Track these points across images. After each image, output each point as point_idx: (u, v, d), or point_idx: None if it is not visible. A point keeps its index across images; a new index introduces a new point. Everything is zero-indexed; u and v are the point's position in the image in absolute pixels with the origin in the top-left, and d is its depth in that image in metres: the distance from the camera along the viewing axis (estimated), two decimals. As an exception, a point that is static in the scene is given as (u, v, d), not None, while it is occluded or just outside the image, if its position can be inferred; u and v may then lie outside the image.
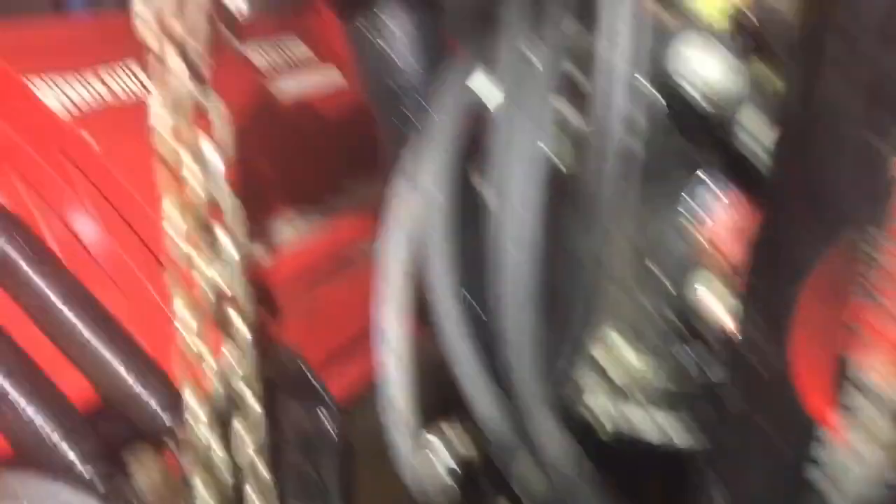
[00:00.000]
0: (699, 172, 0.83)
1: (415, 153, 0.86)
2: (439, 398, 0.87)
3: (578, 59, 0.80)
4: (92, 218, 1.17)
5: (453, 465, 0.88)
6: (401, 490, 0.90)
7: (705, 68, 0.75)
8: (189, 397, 0.96)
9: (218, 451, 0.96)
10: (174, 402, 1.03)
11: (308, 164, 1.57)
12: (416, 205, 0.84)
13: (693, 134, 0.81)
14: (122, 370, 1.09)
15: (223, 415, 1.00)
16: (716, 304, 0.78)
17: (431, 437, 0.88)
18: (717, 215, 0.79)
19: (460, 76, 0.86)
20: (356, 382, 1.49)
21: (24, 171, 1.16)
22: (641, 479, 0.96)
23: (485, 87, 0.85)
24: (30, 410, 1.02)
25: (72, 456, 1.02)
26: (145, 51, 0.89)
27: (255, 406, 1.02)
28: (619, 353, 0.88)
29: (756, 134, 0.75)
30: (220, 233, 0.96)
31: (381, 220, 0.88)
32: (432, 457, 0.90)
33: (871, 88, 0.61)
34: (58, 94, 1.19)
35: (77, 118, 1.19)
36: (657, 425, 0.87)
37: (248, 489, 1.01)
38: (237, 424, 1.01)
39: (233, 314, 0.98)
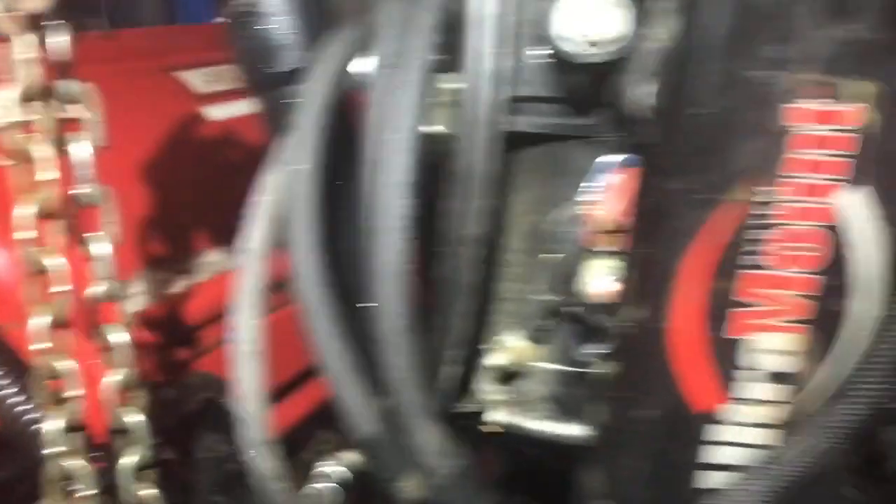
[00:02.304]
0: (593, 145, 0.74)
1: (285, 137, 0.78)
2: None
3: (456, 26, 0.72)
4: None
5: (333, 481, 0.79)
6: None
7: (589, 24, 0.66)
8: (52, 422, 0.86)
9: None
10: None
11: (232, 191, 1.50)
12: (280, 194, 0.76)
13: (583, 98, 0.73)
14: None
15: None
16: (605, 287, 0.69)
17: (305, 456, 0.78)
18: (612, 193, 0.70)
19: (336, 48, 0.78)
20: (292, 418, 1.41)
21: None
22: (534, 475, 0.87)
23: (361, 60, 0.77)
24: None
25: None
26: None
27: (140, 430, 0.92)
28: (508, 345, 0.79)
29: (645, 94, 0.66)
30: (89, 234, 0.87)
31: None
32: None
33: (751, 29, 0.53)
34: None
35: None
36: (547, 418, 0.79)
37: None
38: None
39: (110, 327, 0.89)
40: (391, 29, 0.74)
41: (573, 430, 0.78)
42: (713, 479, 0.59)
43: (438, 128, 0.72)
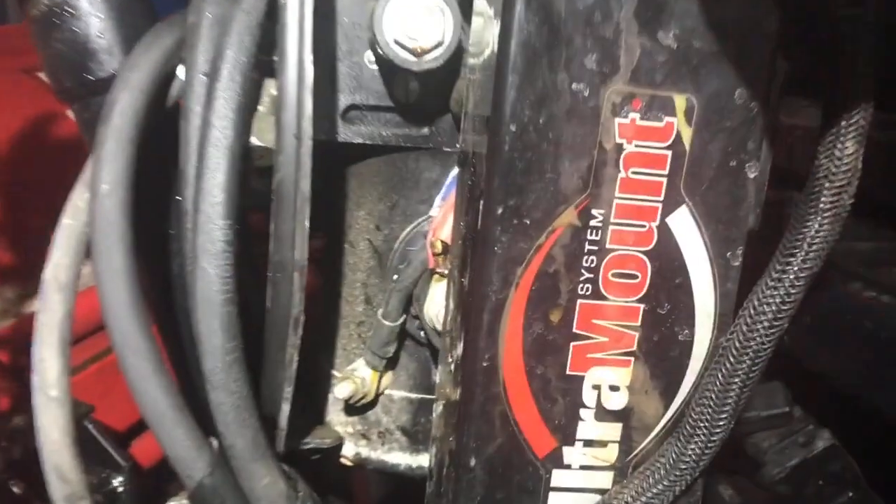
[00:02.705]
0: (441, 157, 0.69)
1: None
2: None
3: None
4: None
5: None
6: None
7: (412, 29, 0.61)
8: None
9: None
10: None
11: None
12: (86, 214, 0.67)
13: (421, 107, 0.67)
14: None
15: None
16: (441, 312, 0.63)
17: None
18: (445, 211, 0.65)
19: (152, 52, 0.70)
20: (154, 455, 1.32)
21: None
22: None
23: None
24: None
25: None
26: None
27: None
28: (358, 373, 0.73)
29: (471, 105, 0.61)
30: None
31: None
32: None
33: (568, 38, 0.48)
34: None
35: None
36: (401, 450, 0.75)
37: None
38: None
39: None
40: (207, 31, 0.66)
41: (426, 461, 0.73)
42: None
43: (256, 141, 0.65)
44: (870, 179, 1.04)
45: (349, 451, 0.78)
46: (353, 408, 0.76)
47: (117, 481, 1.14)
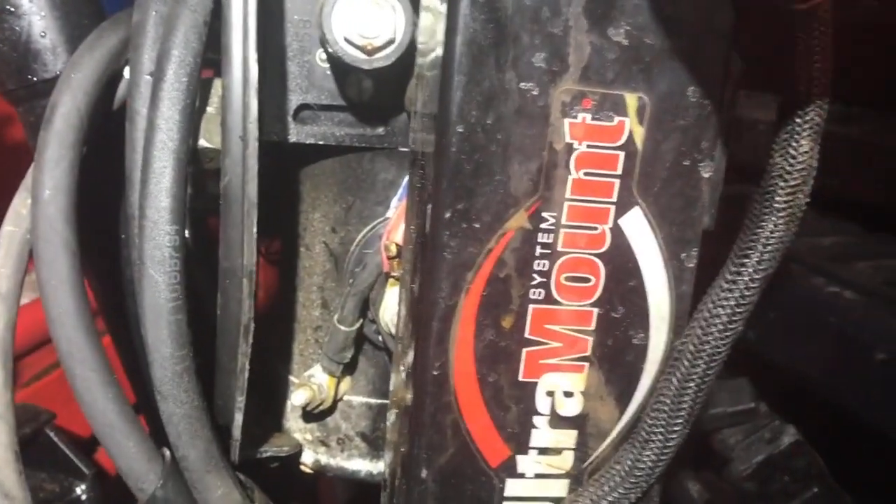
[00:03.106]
0: (398, 157, 0.67)
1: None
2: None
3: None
4: None
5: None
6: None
7: (361, 27, 0.59)
8: None
9: None
10: None
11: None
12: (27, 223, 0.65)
13: (375, 107, 0.66)
14: None
15: None
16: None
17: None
18: (399, 213, 0.63)
19: (97, 52, 0.68)
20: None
21: None
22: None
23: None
24: None
25: None
26: None
27: None
28: (315, 379, 0.71)
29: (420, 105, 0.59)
30: None
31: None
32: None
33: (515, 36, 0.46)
34: None
35: None
36: (360, 456, 0.74)
37: None
38: None
39: None
40: (153, 29, 0.64)
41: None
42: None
43: (205, 143, 0.63)
44: (834, 176, 1.04)
45: (308, 458, 0.76)
46: (312, 414, 0.75)
47: (80, 489, 1.12)
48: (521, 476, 0.52)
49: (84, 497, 1.13)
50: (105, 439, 0.65)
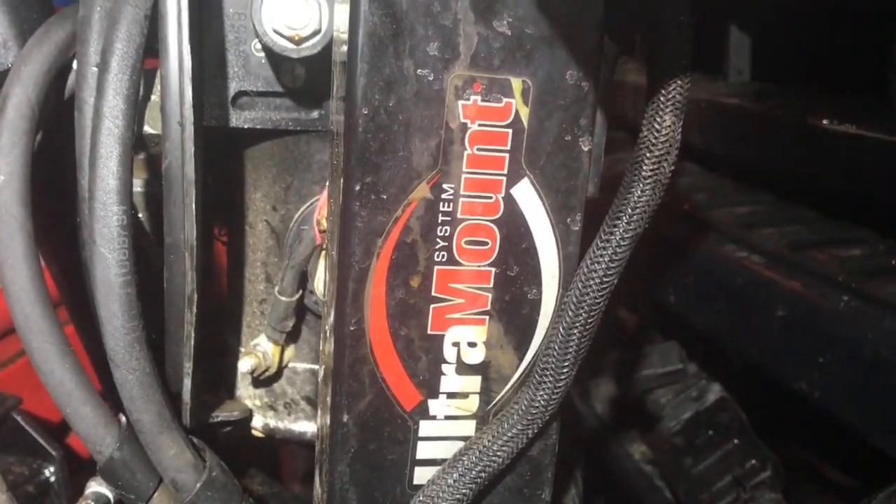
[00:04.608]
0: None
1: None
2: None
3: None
4: None
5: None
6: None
7: (286, 18, 0.65)
8: None
9: None
10: None
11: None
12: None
13: (308, 92, 0.71)
14: None
15: None
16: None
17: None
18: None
19: (46, 45, 0.73)
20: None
21: None
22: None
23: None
24: None
25: None
26: None
27: None
28: (260, 347, 0.77)
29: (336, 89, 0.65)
30: None
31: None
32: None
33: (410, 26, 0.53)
34: None
35: None
36: (307, 419, 0.79)
37: None
38: None
39: None
40: (97, 24, 0.69)
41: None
42: (424, 476, 0.60)
43: (150, 129, 0.69)
44: (748, 148, 1.11)
45: (258, 422, 0.82)
46: (260, 381, 0.81)
47: (49, 471, 1.13)
48: (433, 418, 0.59)
49: (53, 479, 1.15)
50: (64, 407, 0.70)
